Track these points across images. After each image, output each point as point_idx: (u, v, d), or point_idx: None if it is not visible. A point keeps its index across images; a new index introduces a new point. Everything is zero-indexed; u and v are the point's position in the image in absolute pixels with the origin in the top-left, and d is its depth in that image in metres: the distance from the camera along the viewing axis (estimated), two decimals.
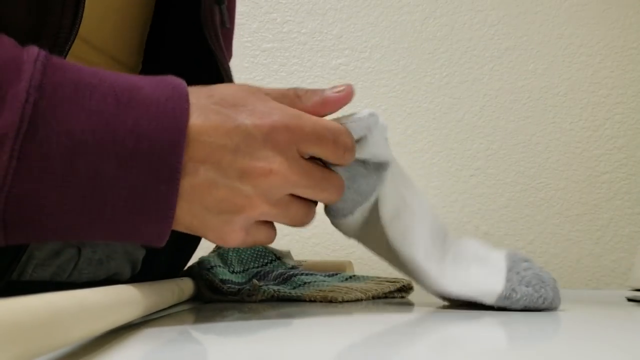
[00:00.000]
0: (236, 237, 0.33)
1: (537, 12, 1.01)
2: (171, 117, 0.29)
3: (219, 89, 0.33)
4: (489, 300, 0.38)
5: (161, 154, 0.29)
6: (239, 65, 0.99)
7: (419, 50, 1.00)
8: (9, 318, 0.16)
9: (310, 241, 0.96)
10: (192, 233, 0.33)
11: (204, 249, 0.70)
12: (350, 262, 0.77)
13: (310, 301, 0.50)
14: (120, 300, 0.27)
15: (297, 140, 0.33)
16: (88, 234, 0.30)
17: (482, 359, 0.22)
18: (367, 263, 0.96)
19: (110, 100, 0.29)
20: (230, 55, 0.57)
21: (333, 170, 0.36)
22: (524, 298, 0.38)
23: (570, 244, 0.96)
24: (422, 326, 0.33)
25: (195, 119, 0.30)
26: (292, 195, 0.34)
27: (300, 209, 0.35)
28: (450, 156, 0.98)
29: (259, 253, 0.62)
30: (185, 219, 0.31)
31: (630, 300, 0.55)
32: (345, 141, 0.34)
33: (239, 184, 0.31)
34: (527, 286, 0.38)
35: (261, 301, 0.51)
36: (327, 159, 0.35)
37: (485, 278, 0.39)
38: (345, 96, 0.36)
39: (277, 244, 0.90)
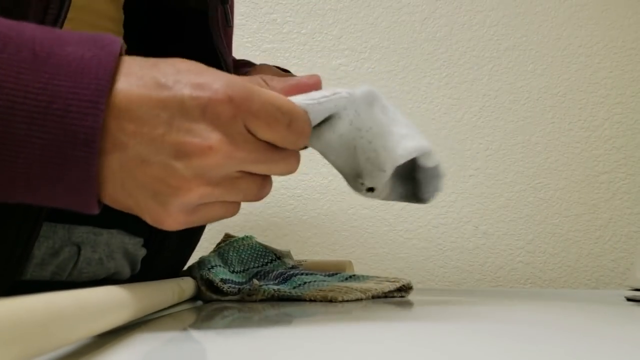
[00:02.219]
0: (174, 220, 0.29)
1: (536, 13, 1.01)
2: (92, 75, 0.26)
3: (162, 62, 0.29)
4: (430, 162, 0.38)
5: (77, 114, 0.26)
6: None
7: (419, 51, 1.01)
8: (9, 318, 0.16)
9: (310, 241, 0.96)
10: (131, 212, 0.30)
11: (204, 249, 0.70)
12: (350, 262, 0.77)
13: (310, 301, 0.50)
14: (120, 300, 0.27)
15: (243, 117, 0.28)
16: (9, 196, 0.27)
17: (481, 357, 0.22)
18: (367, 263, 0.96)
19: (25, 54, 0.26)
20: (230, 52, 0.57)
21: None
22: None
23: (570, 244, 0.96)
24: (421, 326, 0.33)
25: (122, 84, 0.27)
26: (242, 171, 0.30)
27: (252, 183, 0.31)
28: (449, 156, 0.98)
29: (259, 253, 0.62)
30: (119, 197, 0.29)
31: (629, 300, 0.55)
32: (302, 127, 0.30)
33: (173, 162, 0.28)
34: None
35: (261, 301, 0.51)
36: (278, 143, 0.30)
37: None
38: (315, 84, 0.33)
39: (277, 244, 0.90)
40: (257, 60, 1.03)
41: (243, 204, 0.33)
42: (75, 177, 0.27)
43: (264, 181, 0.32)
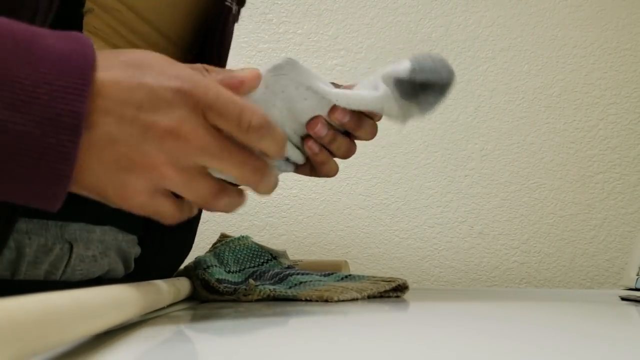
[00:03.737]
0: (137, 199, 0.31)
1: (531, 14, 1.01)
2: (74, 65, 0.28)
3: (127, 52, 0.32)
4: (403, 74, 0.38)
5: (62, 99, 0.27)
6: (234, 65, 0.99)
7: (414, 51, 1.01)
8: (5, 318, 0.16)
9: (306, 241, 0.96)
10: (89, 194, 0.31)
11: (200, 249, 0.70)
12: (345, 262, 0.77)
13: (306, 301, 0.50)
14: (116, 300, 0.27)
15: (202, 107, 0.31)
16: None
17: (476, 357, 0.22)
18: (362, 262, 0.96)
19: (9, 44, 0.27)
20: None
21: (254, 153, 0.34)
22: (429, 67, 0.39)
23: (564, 244, 0.96)
24: (417, 325, 0.33)
25: (99, 72, 0.29)
26: (204, 172, 0.32)
27: (209, 186, 0.32)
28: (445, 156, 0.99)
29: (255, 253, 0.62)
30: (84, 177, 0.29)
31: (623, 299, 0.55)
32: (250, 118, 0.32)
33: (141, 141, 0.29)
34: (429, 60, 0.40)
35: (257, 301, 0.51)
36: (231, 133, 0.32)
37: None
38: (252, 79, 0.36)
39: (273, 244, 0.90)
40: (252, 60, 1.03)
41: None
42: (54, 161, 0.27)
43: (220, 191, 0.33)
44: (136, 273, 0.54)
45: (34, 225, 0.42)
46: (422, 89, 0.38)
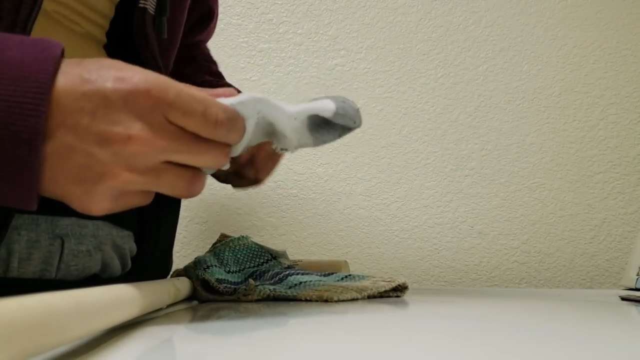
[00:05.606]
0: (100, 206, 0.31)
1: (531, 14, 1.01)
2: (33, 79, 0.28)
3: (90, 60, 0.31)
4: (327, 115, 0.40)
5: (19, 115, 0.28)
6: (235, 65, 0.99)
7: (414, 51, 1.01)
8: (5, 318, 0.16)
9: (306, 241, 0.96)
10: (59, 200, 0.31)
11: (200, 249, 0.70)
12: (345, 262, 0.77)
13: (306, 301, 0.50)
14: (116, 300, 0.27)
15: (162, 107, 0.30)
16: None
17: (476, 357, 0.22)
18: (362, 262, 0.96)
19: None
20: (168, 66, 0.54)
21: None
22: (349, 114, 0.41)
23: (564, 244, 0.96)
24: (416, 325, 0.33)
25: (59, 80, 0.29)
26: (169, 163, 0.32)
27: (180, 176, 0.32)
28: (445, 156, 0.99)
29: (255, 253, 0.62)
30: (47, 186, 0.30)
31: (623, 299, 0.55)
32: (216, 113, 0.31)
33: (96, 150, 0.30)
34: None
35: (257, 301, 0.51)
36: (196, 131, 0.31)
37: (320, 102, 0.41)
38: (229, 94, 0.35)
39: (273, 244, 0.90)
40: (253, 61, 1.03)
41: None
42: (16, 175, 0.29)
43: (194, 177, 0.33)
44: (134, 272, 0.54)
45: (23, 221, 0.42)
46: (331, 128, 0.40)
